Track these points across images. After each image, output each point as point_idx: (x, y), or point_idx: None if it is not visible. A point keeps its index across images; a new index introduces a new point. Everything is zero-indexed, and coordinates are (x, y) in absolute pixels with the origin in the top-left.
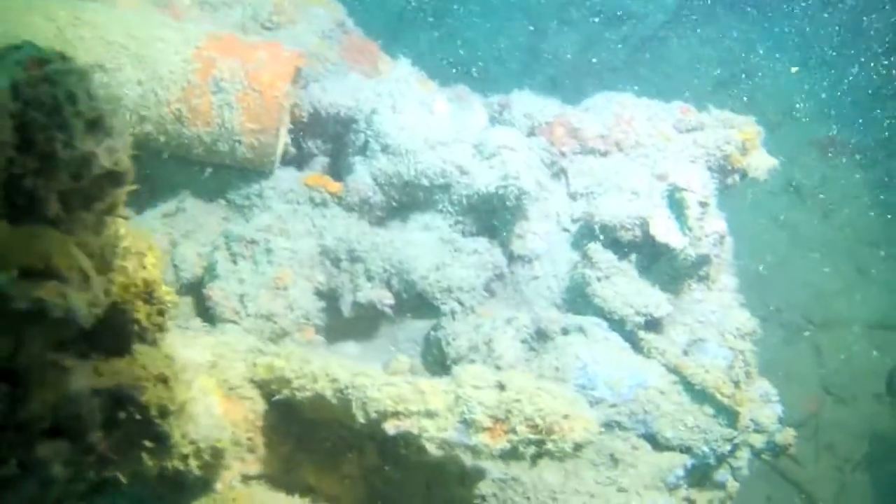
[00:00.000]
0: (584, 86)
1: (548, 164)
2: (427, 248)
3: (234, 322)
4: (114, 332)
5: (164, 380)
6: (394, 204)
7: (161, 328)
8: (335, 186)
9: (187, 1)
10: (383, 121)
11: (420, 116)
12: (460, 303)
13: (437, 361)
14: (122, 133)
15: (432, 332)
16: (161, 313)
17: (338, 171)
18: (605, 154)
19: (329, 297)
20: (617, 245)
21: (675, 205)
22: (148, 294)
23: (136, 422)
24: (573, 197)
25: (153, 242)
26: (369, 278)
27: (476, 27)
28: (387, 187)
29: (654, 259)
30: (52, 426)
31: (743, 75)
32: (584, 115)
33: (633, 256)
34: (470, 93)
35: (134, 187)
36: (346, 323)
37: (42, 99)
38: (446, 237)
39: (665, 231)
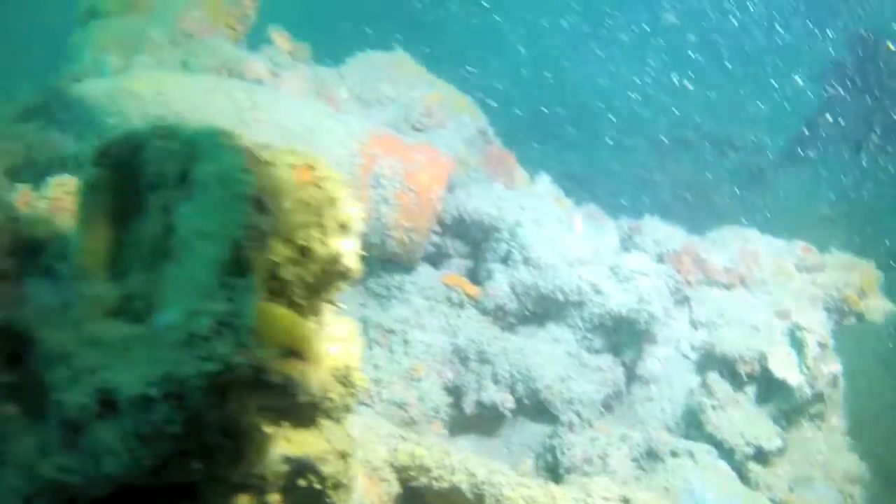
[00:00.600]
0: (695, 210)
1: (673, 290)
2: (554, 359)
3: (367, 405)
4: (308, 406)
5: (344, 456)
6: (526, 313)
7: (348, 409)
8: (473, 289)
9: (345, 94)
10: (527, 234)
11: (560, 233)
12: (579, 415)
13: (550, 468)
14: (359, 236)
15: (548, 440)
16: (352, 395)
17: (475, 274)
18: (728, 287)
19: (454, 393)
20: (734, 376)
21: (795, 343)
22: (345, 377)
23: (312, 491)
24: (694, 325)
25: (355, 329)
26: (495, 381)
27: (590, 142)
28: (523, 297)
29: (769, 393)
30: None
31: (855, 214)
32: (711, 247)
33: (749, 388)
34: (601, 212)
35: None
36: (466, 419)
37: (309, 201)
38: (573, 351)
39: (783, 368)
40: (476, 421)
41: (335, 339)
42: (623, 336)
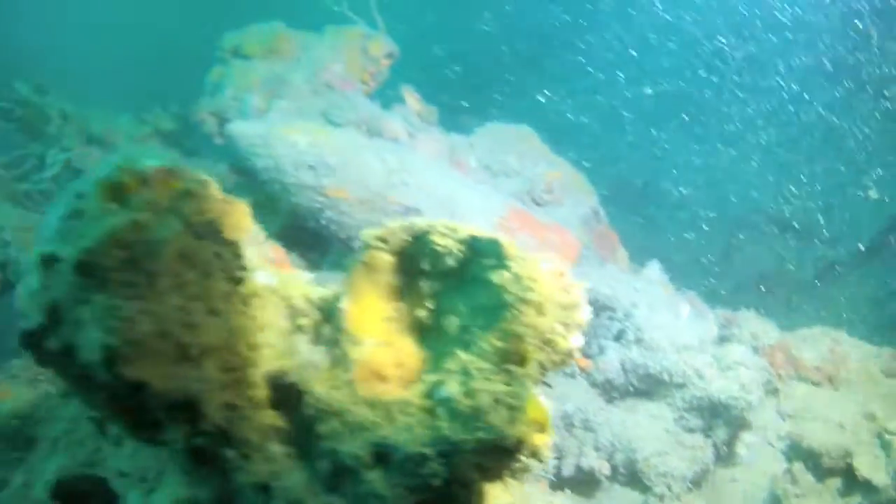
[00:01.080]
0: (772, 299)
1: (765, 382)
2: (653, 434)
3: None
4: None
5: None
6: (631, 388)
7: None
8: (584, 362)
9: (474, 163)
10: (641, 317)
11: (670, 319)
12: (669, 488)
13: None
14: None
15: None
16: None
17: (583, 347)
18: (816, 384)
19: (556, 455)
20: (818, 469)
21: (884, 446)
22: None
23: None
24: (782, 416)
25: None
26: (596, 448)
27: (668, 222)
28: (631, 374)
29: (852, 489)
30: None
31: None
32: (801, 344)
33: (833, 482)
34: (700, 301)
35: None
36: (563, 479)
37: (562, 304)
38: (671, 429)
39: (869, 468)
40: (572, 482)
41: None
42: (717, 419)
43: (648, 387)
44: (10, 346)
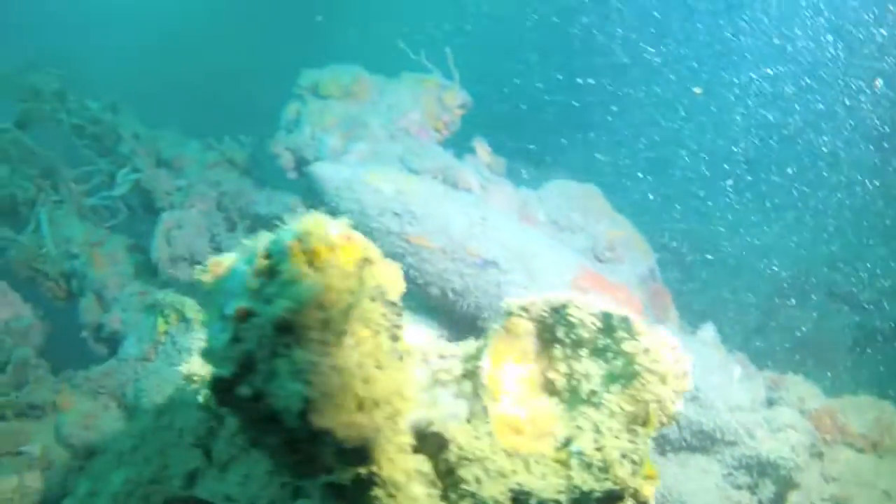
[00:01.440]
0: (813, 362)
1: (810, 445)
2: (703, 488)
3: None
4: None
5: None
6: (683, 443)
7: None
8: None
9: (542, 217)
10: (697, 377)
11: (723, 379)
12: None
13: None
14: None
15: None
16: None
17: None
18: (862, 450)
19: None
20: None
21: None
22: None
23: None
24: (826, 479)
25: None
26: None
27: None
28: (685, 430)
29: None
30: None
31: None
32: (848, 411)
33: None
34: (748, 362)
35: None
36: None
37: (676, 375)
38: (720, 484)
39: None
40: None
41: None
42: (765, 478)
43: (701, 443)
44: (72, 356)
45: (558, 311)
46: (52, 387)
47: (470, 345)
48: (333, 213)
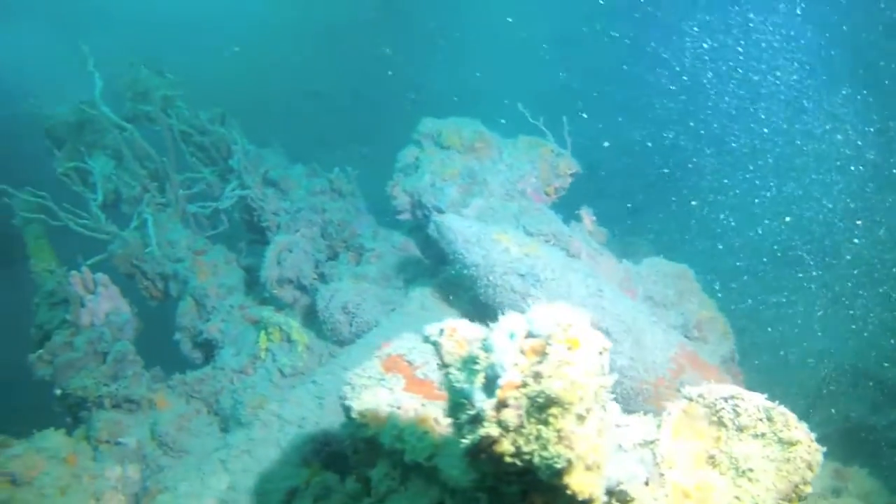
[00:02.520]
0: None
1: None
2: None
3: None
4: None
5: None
6: None
7: None
8: None
9: (641, 291)
10: None
11: None
12: None
13: None
14: None
15: None
16: None
17: None
18: None
19: None
20: None
21: None
22: None
23: None
24: None
25: None
26: None
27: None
28: None
29: None
30: None
31: None
32: None
33: None
34: None
35: None
36: None
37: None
38: None
39: None
40: None
41: None
42: None
43: None
44: (157, 356)
45: (727, 400)
46: (148, 384)
47: (648, 420)
48: (459, 263)
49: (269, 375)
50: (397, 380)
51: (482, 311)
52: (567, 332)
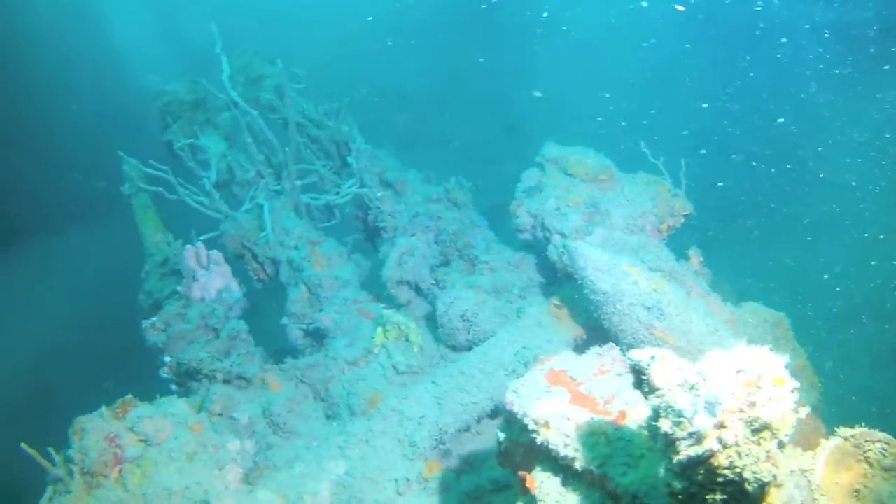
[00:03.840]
0: None
1: None
2: None
3: None
4: None
5: None
6: None
7: None
8: None
9: (743, 333)
10: None
11: None
12: None
13: None
14: None
15: None
16: None
17: None
18: None
19: None
20: None
21: None
22: None
23: None
24: None
25: None
26: None
27: None
28: None
29: None
30: None
31: None
32: None
33: None
34: None
35: None
36: None
37: None
38: None
39: None
40: None
41: None
42: None
43: None
44: (259, 338)
45: (876, 443)
46: (260, 364)
47: (801, 452)
48: (588, 289)
49: (383, 371)
50: (562, 393)
51: (598, 333)
52: (773, 371)
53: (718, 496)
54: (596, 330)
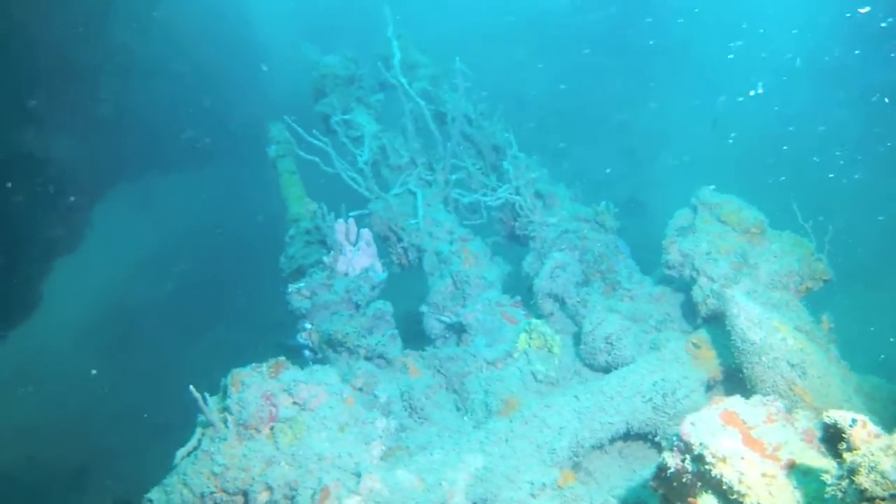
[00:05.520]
0: None
1: None
2: None
3: None
4: None
5: None
6: None
7: None
8: None
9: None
10: None
11: None
12: None
13: None
14: None
15: None
16: None
17: None
18: None
19: None
20: None
21: None
22: None
23: None
24: None
25: None
26: None
27: None
28: None
29: None
30: None
31: None
32: None
33: None
34: None
35: None
36: None
37: None
38: None
39: None
40: None
41: None
42: None
43: None
44: (413, 329)
45: None
46: (401, 347)
47: None
48: (737, 337)
49: (521, 376)
50: (735, 433)
51: (732, 377)
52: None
53: None
54: (731, 374)
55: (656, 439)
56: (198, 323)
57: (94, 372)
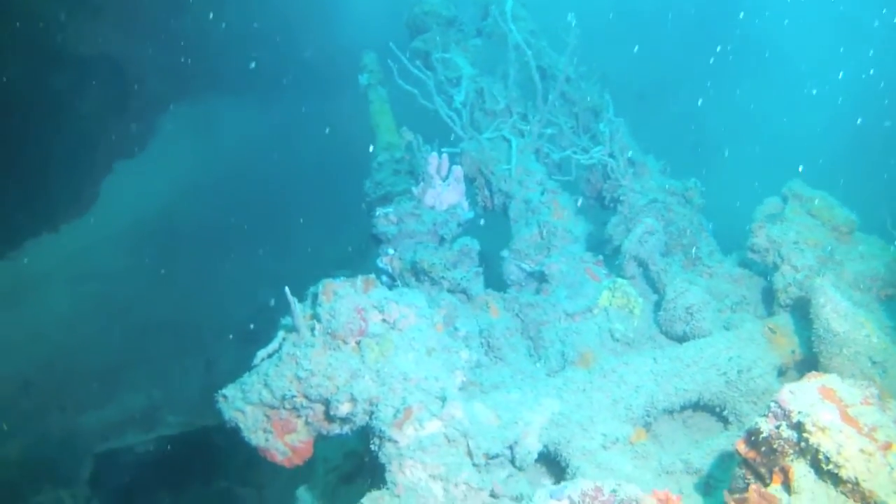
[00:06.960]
0: None
1: None
2: None
3: None
4: None
5: None
6: None
7: None
8: None
9: None
10: None
11: None
12: None
13: None
14: None
15: None
16: None
17: None
18: None
19: None
20: None
21: None
22: None
23: None
24: None
25: None
26: None
27: None
28: None
29: None
30: None
31: None
32: None
33: None
34: None
35: None
36: None
37: None
38: None
39: None
40: None
41: None
42: None
43: None
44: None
45: None
46: (483, 286)
47: None
48: (820, 326)
49: (599, 332)
50: (833, 408)
51: (806, 366)
52: None
53: None
54: (803, 364)
55: (724, 413)
56: (237, 245)
57: None
